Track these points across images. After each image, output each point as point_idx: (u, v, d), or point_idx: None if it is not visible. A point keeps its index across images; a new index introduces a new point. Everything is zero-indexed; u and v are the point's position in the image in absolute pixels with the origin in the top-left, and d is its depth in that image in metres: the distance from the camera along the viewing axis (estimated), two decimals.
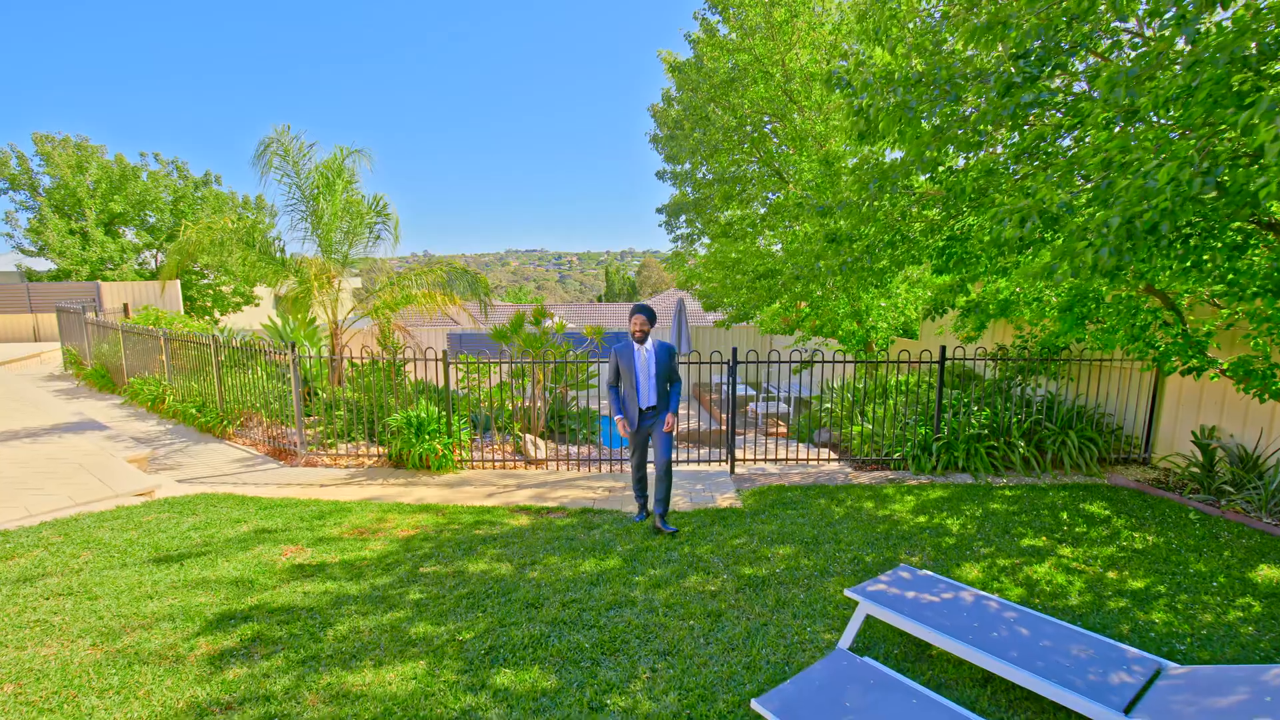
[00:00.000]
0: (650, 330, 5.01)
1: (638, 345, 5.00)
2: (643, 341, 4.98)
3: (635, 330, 4.99)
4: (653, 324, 5.00)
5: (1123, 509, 5.50)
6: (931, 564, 4.31)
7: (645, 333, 4.98)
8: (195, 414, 8.51)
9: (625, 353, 5.02)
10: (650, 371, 4.99)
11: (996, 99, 3.86)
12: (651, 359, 5.00)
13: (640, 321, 4.99)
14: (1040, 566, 4.29)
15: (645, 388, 5.01)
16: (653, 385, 5.02)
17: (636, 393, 5.01)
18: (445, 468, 6.73)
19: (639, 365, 4.99)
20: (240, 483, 6.44)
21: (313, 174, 8.09)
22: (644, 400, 5.03)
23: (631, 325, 5.03)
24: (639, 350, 5.00)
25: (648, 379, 4.99)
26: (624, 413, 5.06)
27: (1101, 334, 6.03)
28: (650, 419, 5.07)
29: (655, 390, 5.05)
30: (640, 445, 5.20)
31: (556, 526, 5.13)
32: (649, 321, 5.00)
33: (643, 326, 4.97)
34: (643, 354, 4.99)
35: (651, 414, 5.07)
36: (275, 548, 4.50)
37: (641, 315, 5.00)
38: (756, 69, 9.81)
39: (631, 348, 5.01)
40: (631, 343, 5.02)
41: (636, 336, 4.97)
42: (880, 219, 6.07)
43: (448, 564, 4.29)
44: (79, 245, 19.80)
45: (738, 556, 4.37)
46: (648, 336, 5.01)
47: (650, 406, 5.05)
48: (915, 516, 5.25)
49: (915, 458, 6.83)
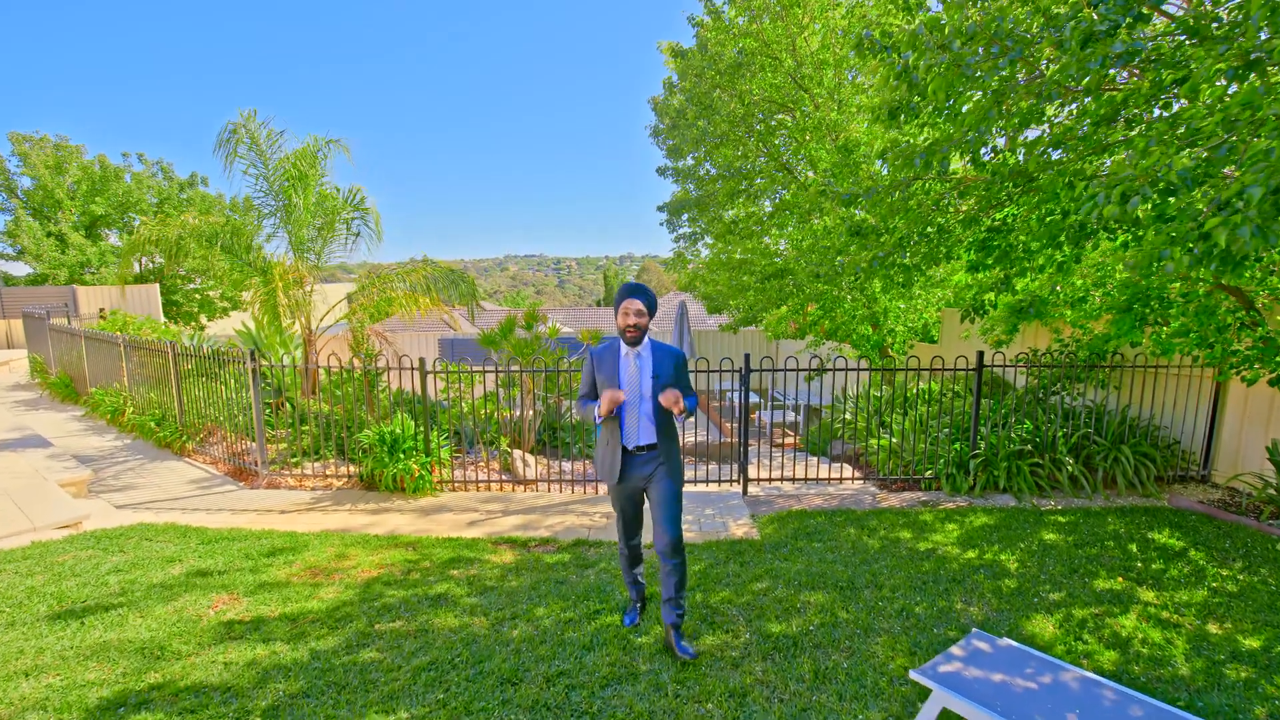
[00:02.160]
0: (648, 325, 3.21)
1: (627, 349, 3.18)
2: (635, 343, 3.15)
3: (627, 325, 3.12)
4: (652, 314, 3.18)
5: (1196, 538, 4.77)
6: (995, 615, 3.58)
7: (642, 329, 3.14)
8: (154, 428, 7.78)
9: (606, 358, 3.20)
10: (644, 390, 3.15)
11: (1078, 49, 3.15)
12: (646, 370, 3.16)
13: (634, 311, 3.11)
14: (1126, 618, 3.55)
15: (635, 415, 3.15)
16: (648, 412, 3.16)
17: (621, 425, 3.15)
18: (422, 490, 5.99)
19: (626, 378, 3.15)
20: (189, 509, 5.69)
21: (283, 164, 7.37)
22: (632, 436, 3.16)
23: (621, 316, 3.14)
24: (627, 356, 3.18)
25: (639, 401, 3.15)
26: (606, 458, 3.23)
27: (1167, 337, 5.32)
28: (644, 465, 3.19)
29: (653, 420, 3.17)
30: (628, 506, 3.31)
31: (545, 565, 4.38)
32: (648, 310, 3.16)
33: (638, 319, 3.12)
34: (632, 362, 3.16)
35: (647, 458, 3.19)
36: (206, 597, 3.75)
37: (637, 300, 3.12)
38: (765, 55, 9.12)
39: (617, 351, 3.20)
40: (619, 344, 3.22)
41: (629, 335, 3.13)
42: (913, 208, 5.36)
43: (411, 618, 3.55)
44: (56, 248, 19.07)
45: (761, 607, 3.63)
46: (644, 335, 3.19)
47: (644, 446, 3.18)
48: (963, 551, 4.52)
49: (950, 476, 6.10)
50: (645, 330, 3.18)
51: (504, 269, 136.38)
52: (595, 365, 3.24)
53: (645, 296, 3.19)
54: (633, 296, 3.15)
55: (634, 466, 3.20)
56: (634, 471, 3.21)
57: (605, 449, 3.24)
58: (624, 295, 3.19)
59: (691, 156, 11.89)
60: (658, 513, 3.20)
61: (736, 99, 9.38)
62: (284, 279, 6.69)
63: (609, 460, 3.22)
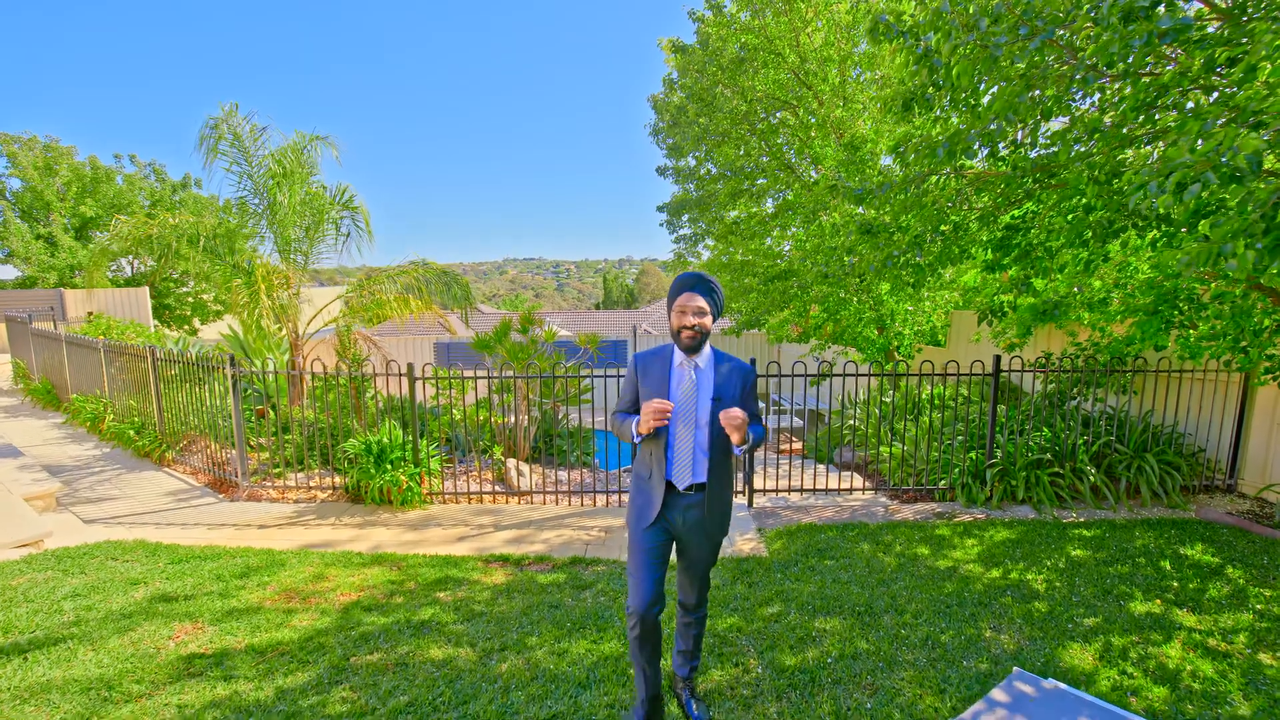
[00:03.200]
0: (711, 329, 2.46)
1: (682, 357, 2.45)
2: (694, 350, 2.42)
3: (684, 326, 2.40)
4: (718, 315, 2.47)
5: (1231, 554, 4.48)
6: (1028, 644, 3.28)
7: (703, 333, 2.41)
8: (133, 436, 7.46)
9: (654, 367, 2.49)
10: (700, 414, 2.42)
11: (1120, 24, 2.87)
12: (705, 387, 2.44)
13: (694, 309, 2.40)
14: (1170, 647, 3.26)
15: (689, 445, 2.42)
16: (703, 443, 2.43)
17: (668, 453, 2.43)
18: (411, 503, 5.68)
19: (680, 395, 2.42)
20: (164, 523, 5.38)
21: (267, 161, 7.08)
22: (684, 473, 2.43)
23: (676, 316, 2.42)
24: (681, 367, 2.45)
25: (693, 430, 2.42)
26: (639, 497, 2.50)
27: (1196, 341, 5.04)
28: (689, 511, 2.46)
29: (707, 452, 2.44)
30: (653, 562, 2.45)
31: (539, 586, 4.08)
32: (712, 309, 2.44)
33: (699, 319, 2.39)
34: (688, 375, 2.44)
35: (693, 501, 2.45)
36: (167, 626, 3.45)
37: (698, 297, 2.41)
38: (768, 51, 8.87)
39: (669, 360, 2.48)
40: (671, 351, 2.49)
41: (685, 339, 2.40)
42: (928, 205, 5.09)
43: (391, 649, 3.25)
44: (45, 251, 18.75)
45: (773, 636, 3.33)
46: (706, 341, 2.46)
47: (694, 486, 2.45)
48: (986, 570, 4.22)
49: (965, 487, 5.81)
50: (707, 335, 2.42)
51: (503, 272, 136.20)
52: (639, 374, 2.52)
53: (709, 291, 2.41)
54: (693, 290, 2.38)
55: (675, 510, 2.45)
56: (673, 516, 2.46)
57: (643, 484, 2.48)
58: (681, 288, 2.40)
59: (692, 156, 11.63)
60: (689, 574, 2.58)
61: (739, 95, 9.12)
62: (267, 281, 6.39)
63: (645, 499, 2.46)
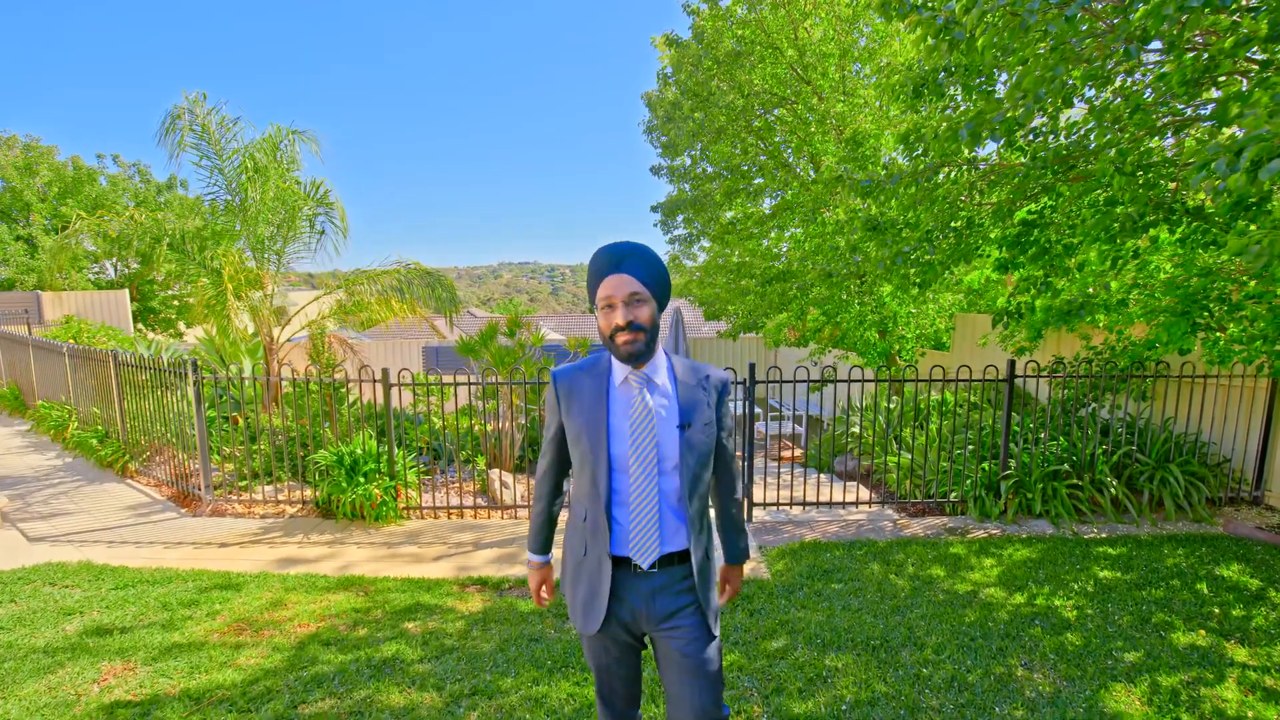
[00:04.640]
0: (656, 320, 1.61)
1: (627, 370, 1.64)
2: (640, 357, 1.60)
3: (618, 327, 1.56)
4: (664, 301, 1.64)
5: (1271, 575, 4.15)
6: (1065, 685, 2.92)
7: (645, 331, 1.58)
8: (95, 445, 7.04)
9: (583, 389, 1.67)
10: (666, 451, 1.61)
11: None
12: (667, 410, 1.62)
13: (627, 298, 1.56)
14: (1224, 688, 2.90)
15: (651, 500, 1.60)
16: (672, 496, 1.62)
17: (611, 519, 1.63)
18: (386, 518, 5.29)
19: (630, 429, 1.60)
20: (117, 541, 4.97)
21: (238, 154, 6.70)
22: (646, 543, 1.61)
23: (605, 314, 1.59)
24: (630, 385, 1.64)
25: (654, 478, 1.60)
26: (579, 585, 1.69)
27: (1225, 344, 4.72)
28: (659, 598, 1.63)
29: (682, 506, 1.63)
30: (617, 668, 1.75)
31: (519, 614, 3.70)
32: (653, 292, 1.60)
33: (636, 311, 1.57)
34: (639, 398, 1.61)
35: (663, 582, 1.64)
36: (94, 667, 3.05)
37: (631, 279, 1.57)
38: (765, 45, 8.55)
39: (605, 377, 1.66)
40: (608, 363, 1.68)
41: (624, 348, 1.57)
42: (940, 199, 4.75)
43: (346, 693, 2.86)
44: (25, 252, 18.27)
45: (779, 677, 2.96)
46: (653, 344, 1.63)
47: (667, 559, 1.63)
48: (1009, 595, 3.86)
49: (977, 499, 5.46)
50: (654, 332, 1.61)
51: (498, 276, 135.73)
52: (563, 400, 1.69)
53: (644, 265, 1.59)
54: (619, 271, 1.57)
55: (635, 598, 1.63)
56: (636, 606, 1.64)
57: (578, 563, 1.69)
58: (601, 270, 1.60)
59: (688, 154, 11.30)
60: (684, 684, 1.62)
61: (735, 90, 8.79)
62: (235, 280, 6.00)
63: (586, 587, 1.66)
